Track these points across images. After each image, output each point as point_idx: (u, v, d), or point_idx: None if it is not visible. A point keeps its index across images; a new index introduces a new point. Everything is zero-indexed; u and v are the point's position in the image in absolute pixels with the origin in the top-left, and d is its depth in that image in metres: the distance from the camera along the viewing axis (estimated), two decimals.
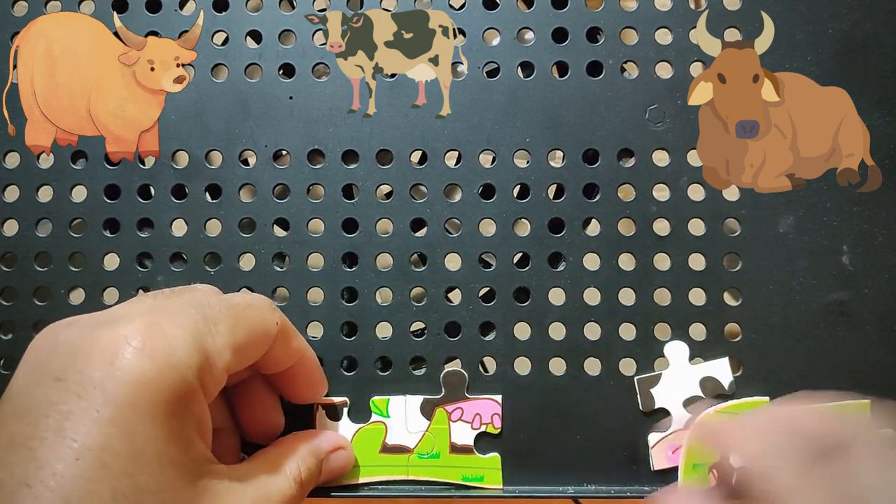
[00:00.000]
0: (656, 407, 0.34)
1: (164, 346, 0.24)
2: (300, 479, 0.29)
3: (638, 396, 0.34)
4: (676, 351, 0.34)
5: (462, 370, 0.34)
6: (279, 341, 0.29)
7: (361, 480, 0.34)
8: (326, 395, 0.34)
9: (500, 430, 0.34)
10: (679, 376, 0.34)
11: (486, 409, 0.34)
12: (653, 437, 0.34)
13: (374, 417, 0.34)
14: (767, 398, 0.33)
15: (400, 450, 0.34)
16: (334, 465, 0.32)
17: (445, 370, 0.34)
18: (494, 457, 0.34)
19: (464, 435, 0.34)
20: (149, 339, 0.24)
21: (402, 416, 0.34)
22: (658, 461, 0.34)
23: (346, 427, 0.34)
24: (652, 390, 0.34)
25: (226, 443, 0.31)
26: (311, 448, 0.31)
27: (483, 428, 0.34)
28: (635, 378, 0.34)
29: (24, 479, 0.21)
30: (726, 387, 0.34)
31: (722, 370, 0.34)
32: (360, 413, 0.34)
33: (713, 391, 0.34)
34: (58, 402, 0.22)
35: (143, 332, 0.24)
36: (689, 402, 0.34)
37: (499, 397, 0.34)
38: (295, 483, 0.29)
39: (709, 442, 0.32)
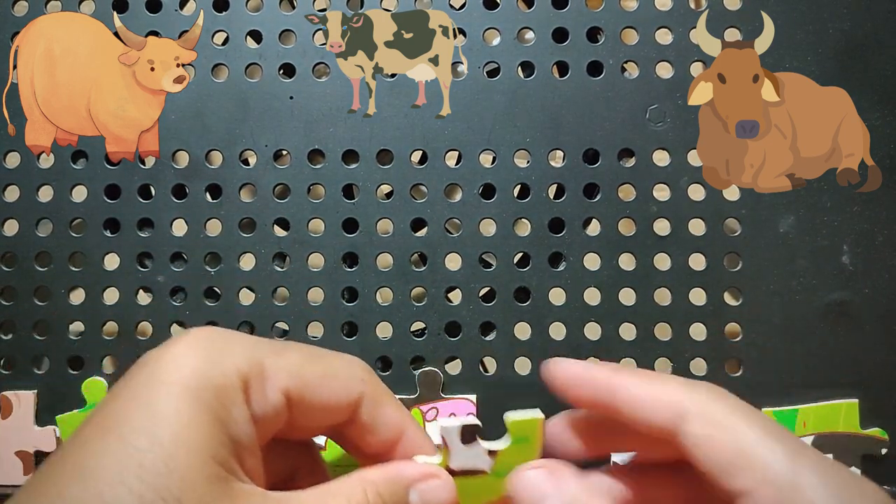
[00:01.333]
0: None
1: (210, 344, 0.23)
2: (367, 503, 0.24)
3: None
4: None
5: (436, 370, 0.34)
6: (368, 404, 0.26)
7: None
8: None
9: None
10: None
11: (461, 409, 0.34)
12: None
13: None
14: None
15: None
16: (429, 497, 0.26)
17: (420, 370, 0.34)
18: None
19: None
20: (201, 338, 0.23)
21: None
22: None
23: None
24: None
25: None
26: (388, 474, 0.25)
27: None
28: None
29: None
30: None
31: None
32: None
33: None
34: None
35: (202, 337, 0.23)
36: None
37: (473, 397, 0.34)
38: None
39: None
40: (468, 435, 0.26)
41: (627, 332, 0.35)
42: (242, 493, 0.22)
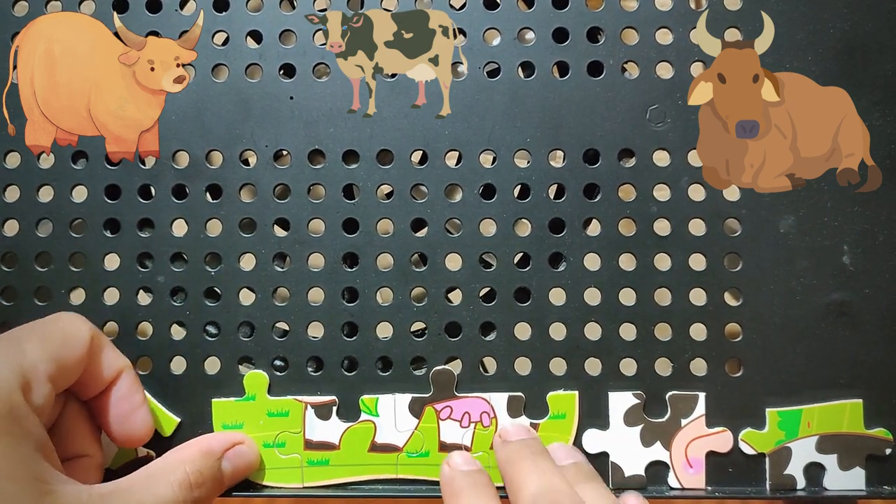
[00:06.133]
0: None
1: None
2: (189, 482, 0.28)
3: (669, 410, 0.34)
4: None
5: (450, 368, 0.34)
6: (94, 349, 0.30)
7: (349, 480, 0.34)
8: (316, 394, 0.34)
9: (489, 428, 0.34)
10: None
11: (476, 408, 0.34)
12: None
13: (363, 416, 0.34)
14: None
15: (389, 449, 0.34)
16: (237, 463, 0.32)
17: (434, 369, 0.34)
18: (483, 456, 0.34)
19: (453, 433, 0.34)
20: None
21: (391, 414, 0.34)
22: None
23: (334, 426, 0.34)
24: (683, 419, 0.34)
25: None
26: (202, 449, 0.31)
27: (472, 426, 0.34)
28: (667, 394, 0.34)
29: None
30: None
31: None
32: (350, 412, 0.34)
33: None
34: None
35: None
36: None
37: (488, 396, 0.34)
38: (181, 488, 0.28)
39: None
40: (514, 407, 0.32)
41: (627, 332, 0.35)
42: (69, 495, 0.24)
